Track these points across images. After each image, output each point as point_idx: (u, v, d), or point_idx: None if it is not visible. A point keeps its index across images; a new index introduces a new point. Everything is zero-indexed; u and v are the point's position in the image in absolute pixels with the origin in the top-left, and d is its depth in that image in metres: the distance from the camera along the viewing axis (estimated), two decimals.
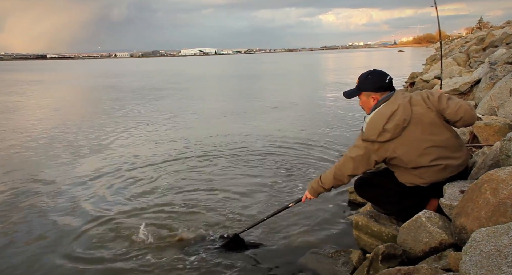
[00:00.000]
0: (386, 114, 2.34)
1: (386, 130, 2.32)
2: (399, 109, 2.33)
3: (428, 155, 2.34)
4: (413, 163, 2.38)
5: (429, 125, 2.34)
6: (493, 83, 5.11)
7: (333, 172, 2.57)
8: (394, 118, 2.31)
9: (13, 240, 3.41)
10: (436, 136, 2.35)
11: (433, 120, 2.35)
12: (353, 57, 67.64)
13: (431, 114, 2.35)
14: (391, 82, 2.49)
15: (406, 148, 2.35)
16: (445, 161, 2.36)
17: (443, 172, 2.38)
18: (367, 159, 2.42)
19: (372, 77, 2.51)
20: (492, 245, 1.40)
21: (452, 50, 22.57)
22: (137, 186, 4.71)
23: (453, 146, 2.40)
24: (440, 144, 2.35)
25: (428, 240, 2.13)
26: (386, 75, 2.50)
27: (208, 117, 9.81)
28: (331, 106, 10.73)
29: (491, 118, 3.92)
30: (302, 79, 23.54)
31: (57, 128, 8.71)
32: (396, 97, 2.40)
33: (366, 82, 2.52)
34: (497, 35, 12.49)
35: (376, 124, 2.35)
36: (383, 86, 2.46)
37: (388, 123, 2.32)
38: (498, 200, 1.73)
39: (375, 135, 2.34)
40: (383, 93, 2.46)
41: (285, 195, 4.22)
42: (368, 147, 2.39)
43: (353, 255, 2.62)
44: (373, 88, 2.48)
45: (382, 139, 2.34)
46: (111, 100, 14.46)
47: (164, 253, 3.07)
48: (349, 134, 7.02)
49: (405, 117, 2.31)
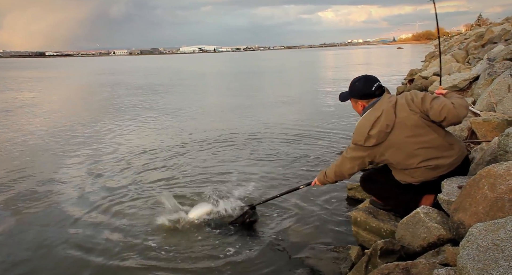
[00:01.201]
0: (371, 120, 2.43)
1: (371, 136, 2.42)
2: (382, 115, 2.41)
3: (416, 157, 2.40)
4: (402, 165, 2.47)
5: (414, 127, 2.38)
6: (492, 80, 5.11)
7: (333, 169, 2.75)
8: (378, 125, 2.40)
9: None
10: (421, 137, 2.38)
11: (416, 122, 2.38)
12: (353, 54, 67.62)
13: (414, 116, 2.38)
14: (378, 89, 2.53)
15: (393, 151, 2.44)
16: (434, 161, 2.39)
17: (433, 171, 2.42)
18: (361, 160, 2.55)
19: (359, 84, 2.58)
20: (489, 239, 1.40)
21: (451, 47, 22.56)
22: (162, 166, 5.37)
23: (442, 145, 2.40)
24: (426, 145, 2.39)
25: (426, 235, 2.14)
26: (374, 82, 2.54)
27: (225, 110, 10.38)
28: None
29: (490, 114, 3.93)
30: (305, 76, 23.65)
31: (84, 120, 9.40)
32: (381, 103, 2.47)
33: (354, 89, 2.61)
34: (496, 32, 12.49)
35: (361, 130, 2.46)
36: (368, 94, 2.53)
37: (372, 129, 2.42)
38: (495, 195, 1.74)
39: (362, 141, 2.46)
40: (370, 100, 2.53)
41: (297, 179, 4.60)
42: (359, 149, 2.51)
43: (352, 250, 2.63)
44: (359, 95, 2.57)
45: (368, 144, 2.45)
46: (128, 95, 14.86)
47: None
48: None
49: (388, 123, 2.39)
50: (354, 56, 54.97)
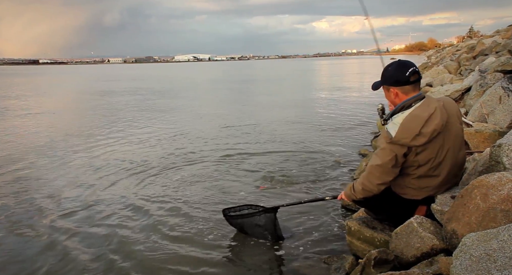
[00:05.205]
0: (423, 117, 2.15)
1: (422, 134, 2.14)
2: (437, 112, 2.17)
3: (440, 168, 2.26)
4: (423, 169, 2.27)
5: (454, 137, 2.25)
6: (483, 91, 5.18)
7: (361, 182, 2.42)
8: (432, 123, 2.15)
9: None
10: (456, 149, 2.27)
11: (459, 132, 2.27)
12: (347, 64, 68.24)
13: (460, 126, 2.26)
14: (413, 75, 2.24)
15: (428, 154, 2.22)
16: (452, 177, 2.34)
17: (442, 186, 2.35)
18: (395, 162, 2.24)
19: (391, 69, 2.32)
20: (482, 249, 1.42)
21: (443, 58, 22.85)
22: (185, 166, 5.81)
23: (462, 163, 2.38)
24: (454, 158, 2.28)
25: (419, 245, 2.14)
26: (408, 67, 2.26)
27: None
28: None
29: (481, 125, 3.97)
30: (303, 84, 23.81)
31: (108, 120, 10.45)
32: (430, 100, 2.23)
33: (385, 75, 2.35)
34: (487, 44, 12.67)
35: (411, 127, 2.15)
36: (401, 80, 2.25)
37: (425, 127, 2.14)
38: (488, 205, 1.75)
39: (408, 139, 2.15)
40: (404, 88, 2.26)
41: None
42: (396, 150, 2.21)
43: (346, 260, 2.62)
44: (391, 82, 2.30)
45: (415, 143, 2.16)
46: (142, 100, 15.39)
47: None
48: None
49: (443, 123, 2.17)
50: (349, 66, 55.46)
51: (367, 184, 2.37)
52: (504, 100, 4.16)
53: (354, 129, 8.23)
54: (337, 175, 4.99)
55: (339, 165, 5.43)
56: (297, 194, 4.36)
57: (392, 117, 2.29)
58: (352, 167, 5.31)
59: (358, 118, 9.57)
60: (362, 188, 2.42)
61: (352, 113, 10.43)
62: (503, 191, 1.72)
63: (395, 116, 2.26)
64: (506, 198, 1.69)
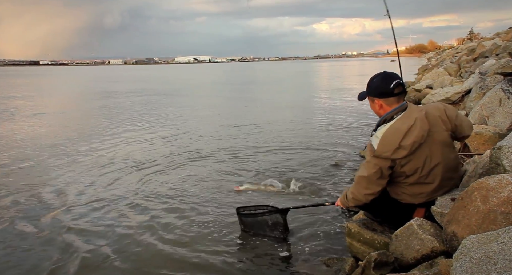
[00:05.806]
0: (402, 129, 2.18)
1: (402, 147, 2.17)
2: (416, 124, 2.18)
3: (432, 176, 2.28)
4: (413, 179, 2.31)
5: (441, 143, 2.26)
6: (483, 93, 5.18)
7: (351, 192, 2.48)
8: (412, 135, 2.17)
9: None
10: (445, 155, 2.29)
11: (445, 139, 2.27)
12: (347, 66, 68.32)
13: (445, 133, 2.26)
14: (398, 87, 2.28)
15: (413, 164, 2.24)
16: (447, 181, 2.35)
17: (438, 191, 2.36)
18: (380, 175, 2.28)
19: (376, 81, 2.36)
20: (482, 251, 1.42)
21: (443, 60, 22.87)
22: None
23: (456, 166, 2.38)
24: (446, 164, 2.30)
25: (419, 247, 2.14)
26: (393, 79, 2.30)
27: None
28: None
29: (482, 127, 3.97)
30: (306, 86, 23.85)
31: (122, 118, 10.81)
32: (411, 111, 2.24)
33: (371, 86, 2.39)
34: (487, 46, 12.69)
35: (390, 141, 2.19)
36: (386, 92, 2.28)
37: (404, 140, 2.17)
38: (488, 207, 1.75)
39: (389, 152, 2.19)
40: (388, 100, 2.29)
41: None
42: (380, 163, 2.25)
43: (346, 262, 2.62)
44: (376, 93, 2.35)
45: (397, 156, 2.20)
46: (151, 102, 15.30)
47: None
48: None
49: (423, 133, 2.18)
50: (349, 68, 55.54)
51: (356, 193, 2.43)
52: (504, 103, 4.16)
53: (354, 129, 8.25)
54: (338, 176, 4.99)
55: (340, 167, 5.43)
56: (298, 196, 4.36)
57: (377, 129, 2.33)
58: (353, 168, 5.32)
59: (359, 119, 9.58)
60: (352, 197, 2.48)
61: (352, 114, 10.45)
62: (503, 193, 1.72)
63: (379, 129, 2.30)
64: (506, 200, 1.70)
